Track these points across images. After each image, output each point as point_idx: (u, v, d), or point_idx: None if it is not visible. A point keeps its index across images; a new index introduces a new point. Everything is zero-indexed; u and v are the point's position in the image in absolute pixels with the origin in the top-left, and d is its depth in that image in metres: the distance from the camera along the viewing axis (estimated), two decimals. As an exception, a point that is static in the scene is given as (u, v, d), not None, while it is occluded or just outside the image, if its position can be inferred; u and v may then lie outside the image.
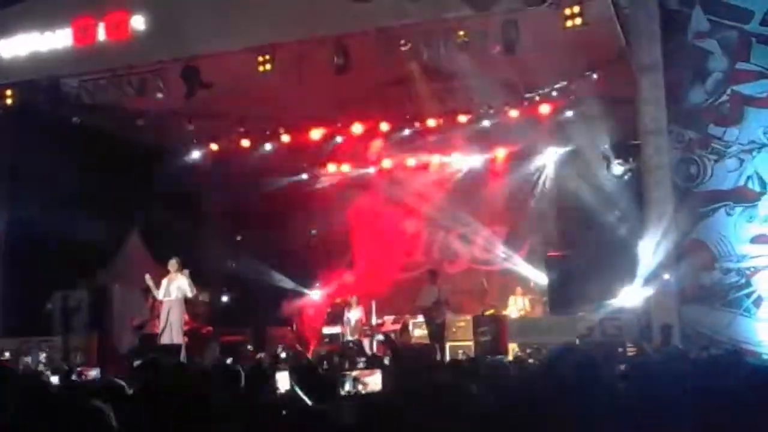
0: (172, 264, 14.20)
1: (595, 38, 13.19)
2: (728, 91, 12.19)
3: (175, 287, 14.02)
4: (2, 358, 12.99)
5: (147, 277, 14.12)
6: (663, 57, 12.31)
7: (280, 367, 8.24)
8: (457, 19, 12.81)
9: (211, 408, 2.42)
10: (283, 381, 6.79)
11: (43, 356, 12.66)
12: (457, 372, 6.35)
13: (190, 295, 14.17)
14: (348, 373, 7.46)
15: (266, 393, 5.95)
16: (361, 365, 10.31)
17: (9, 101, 15.03)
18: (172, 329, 13.86)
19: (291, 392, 6.09)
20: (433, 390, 4.42)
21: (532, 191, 18.46)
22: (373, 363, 10.14)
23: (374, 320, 17.03)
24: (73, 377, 8.70)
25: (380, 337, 16.14)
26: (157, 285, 14.10)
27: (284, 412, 3.23)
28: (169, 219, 17.00)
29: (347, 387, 6.97)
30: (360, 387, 6.96)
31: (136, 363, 7.33)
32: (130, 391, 4.48)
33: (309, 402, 4.96)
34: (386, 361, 10.91)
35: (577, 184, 16.63)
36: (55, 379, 7.92)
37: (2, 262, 15.52)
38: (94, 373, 9.49)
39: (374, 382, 7.05)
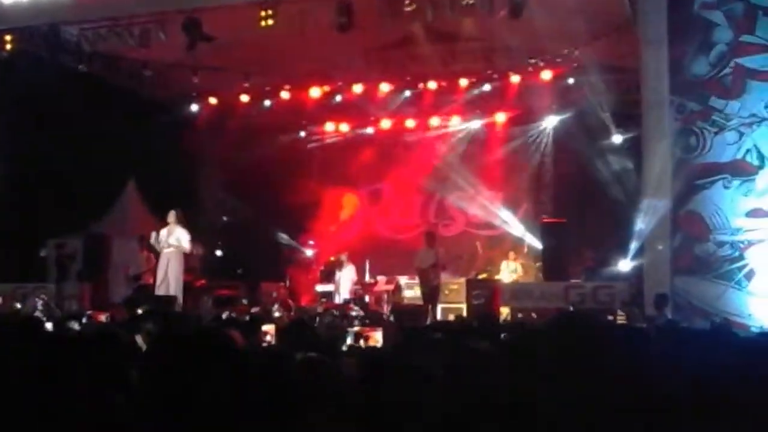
0: (171, 215, 14.19)
1: (601, 5, 13.12)
2: (731, 64, 12.10)
3: (174, 239, 14.02)
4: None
5: (153, 235, 14.13)
6: (669, 27, 12.22)
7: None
8: (464, -19, 12.71)
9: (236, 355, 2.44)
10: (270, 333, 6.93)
11: (40, 303, 12.62)
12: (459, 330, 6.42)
13: (186, 247, 14.18)
14: (349, 328, 7.57)
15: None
16: (357, 322, 10.40)
17: (8, 47, 14.91)
18: (169, 281, 13.90)
19: (280, 344, 6.18)
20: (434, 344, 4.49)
21: (531, 157, 18.43)
22: (372, 319, 10.25)
23: (367, 279, 17.10)
24: (84, 320, 8.76)
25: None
26: (156, 236, 14.10)
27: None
28: (166, 171, 16.97)
29: (348, 341, 7.09)
30: (361, 342, 7.07)
31: (138, 311, 7.41)
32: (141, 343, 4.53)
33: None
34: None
35: (576, 152, 16.59)
36: (75, 325, 7.89)
37: (-1, 207, 15.49)
38: (103, 318, 9.63)
39: (376, 337, 7.16)
